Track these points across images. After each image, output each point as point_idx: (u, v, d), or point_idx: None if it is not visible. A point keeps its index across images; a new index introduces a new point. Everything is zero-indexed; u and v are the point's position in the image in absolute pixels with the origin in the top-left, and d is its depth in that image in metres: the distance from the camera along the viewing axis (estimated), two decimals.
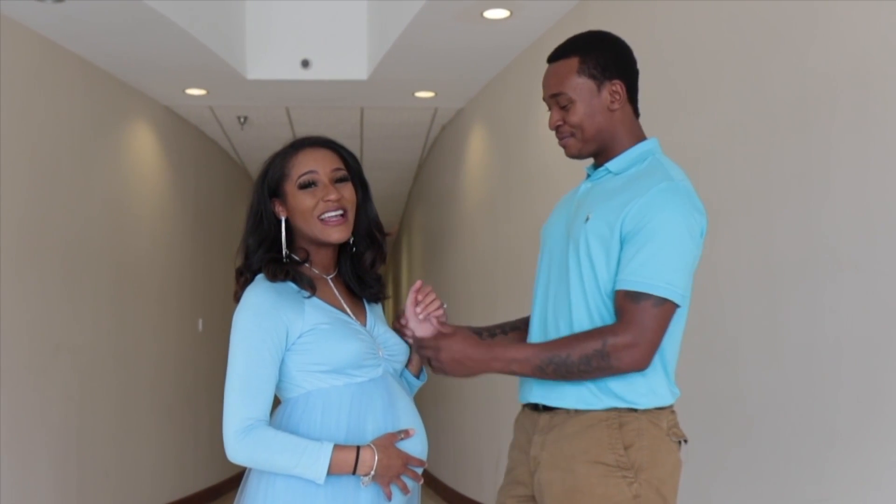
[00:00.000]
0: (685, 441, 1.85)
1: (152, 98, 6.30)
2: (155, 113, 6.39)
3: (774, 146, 3.06)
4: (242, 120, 6.86)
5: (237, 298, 1.83)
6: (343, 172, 1.85)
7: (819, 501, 2.82)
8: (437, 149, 7.79)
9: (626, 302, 1.72)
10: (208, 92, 6.11)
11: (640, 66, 3.75)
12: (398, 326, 1.91)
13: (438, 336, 1.77)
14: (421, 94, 6.19)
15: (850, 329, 2.70)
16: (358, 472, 1.69)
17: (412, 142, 7.74)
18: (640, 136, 1.92)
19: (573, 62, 1.86)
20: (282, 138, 1.96)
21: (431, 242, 8.51)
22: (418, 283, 1.91)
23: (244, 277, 1.83)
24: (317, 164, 1.84)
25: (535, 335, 1.89)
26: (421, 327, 1.88)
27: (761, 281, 3.11)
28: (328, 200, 1.81)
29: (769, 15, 3.07)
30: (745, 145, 3.22)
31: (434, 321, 1.83)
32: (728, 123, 3.33)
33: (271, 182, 1.85)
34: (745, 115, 3.22)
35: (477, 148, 6.37)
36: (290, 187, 1.83)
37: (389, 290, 2.00)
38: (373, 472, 1.69)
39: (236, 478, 1.91)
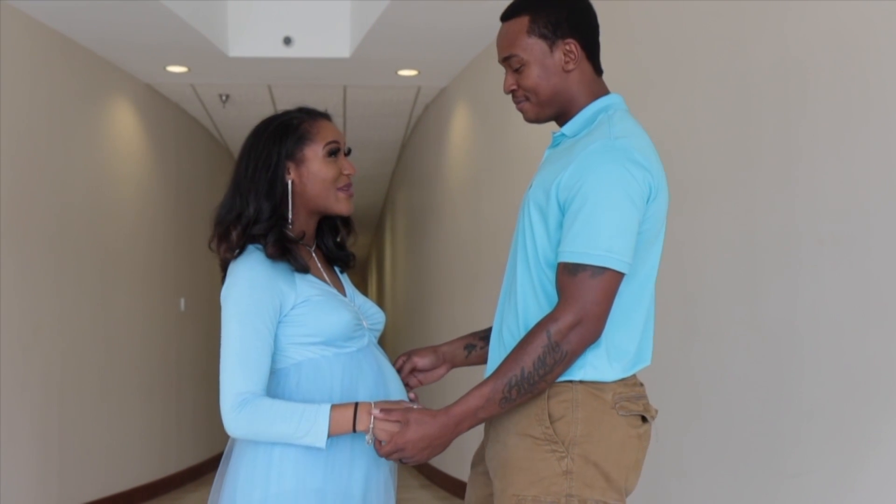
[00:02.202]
0: (647, 417, 1.71)
1: (133, 75, 6.26)
2: (136, 90, 6.35)
3: (753, 123, 3.08)
4: (224, 98, 6.83)
5: (222, 257, 1.80)
6: (349, 148, 1.89)
7: (797, 475, 2.86)
8: (420, 128, 7.78)
9: (564, 276, 1.61)
10: (190, 69, 6.07)
11: (619, 44, 3.76)
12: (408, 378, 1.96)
13: (394, 439, 1.64)
14: (404, 73, 6.18)
15: (829, 304, 2.73)
16: (358, 427, 1.66)
17: (395, 121, 7.73)
18: (598, 94, 1.78)
19: (523, 21, 1.75)
20: (264, 117, 1.92)
21: (414, 223, 8.51)
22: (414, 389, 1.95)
23: (242, 243, 1.77)
24: (338, 136, 1.85)
25: (497, 311, 1.82)
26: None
27: (742, 257, 3.14)
28: (348, 174, 1.84)
29: None
30: (726, 123, 3.24)
31: (385, 429, 1.68)
32: (708, 101, 3.34)
33: (293, 142, 1.81)
34: (725, 92, 3.23)
35: (460, 127, 6.37)
36: (314, 152, 1.81)
37: (372, 271, 2.03)
38: (371, 425, 1.66)
39: (220, 458, 1.88)
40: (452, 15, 4.95)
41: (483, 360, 1.95)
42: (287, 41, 5.51)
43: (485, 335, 1.99)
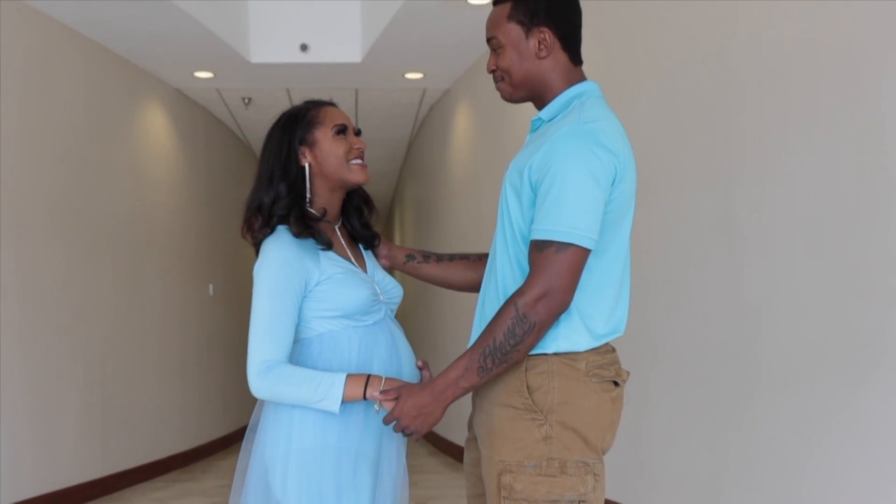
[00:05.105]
0: (619, 382, 1.68)
1: (163, 81, 6.26)
2: (166, 95, 6.35)
3: (734, 118, 3.08)
4: (247, 101, 6.83)
5: (254, 239, 1.81)
6: (359, 129, 1.91)
7: (773, 439, 2.87)
8: (426, 127, 7.78)
9: (533, 252, 1.59)
10: (215, 75, 6.07)
11: (629, 42, 3.73)
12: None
13: (392, 410, 1.66)
14: (411, 76, 6.17)
15: (803, 283, 2.73)
16: (368, 391, 1.68)
17: (403, 121, 7.72)
18: (573, 81, 1.73)
19: (506, 7, 1.73)
20: None
21: (421, 214, 8.51)
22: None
23: (270, 221, 1.80)
24: (344, 119, 1.89)
25: (482, 283, 1.81)
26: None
27: (723, 240, 3.15)
28: (358, 147, 1.86)
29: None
30: (709, 118, 3.24)
31: (381, 402, 1.70)
32: (693, 99, 3.34)
33: (303, 129, 1.85)
34: (708, 91, 3.23)
35: (462, 125, 6.36)
36: (323, 134, 1.84)
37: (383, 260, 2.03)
38: (382, 387, 1.68)
39: (246, 428, 1.90)
40: (454, 22, 4.95)
41: (416, 274, 2.00)
42: (304, 48, 5.51)
43: (428, 255, 2.01)
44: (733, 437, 3.08)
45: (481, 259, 1.97)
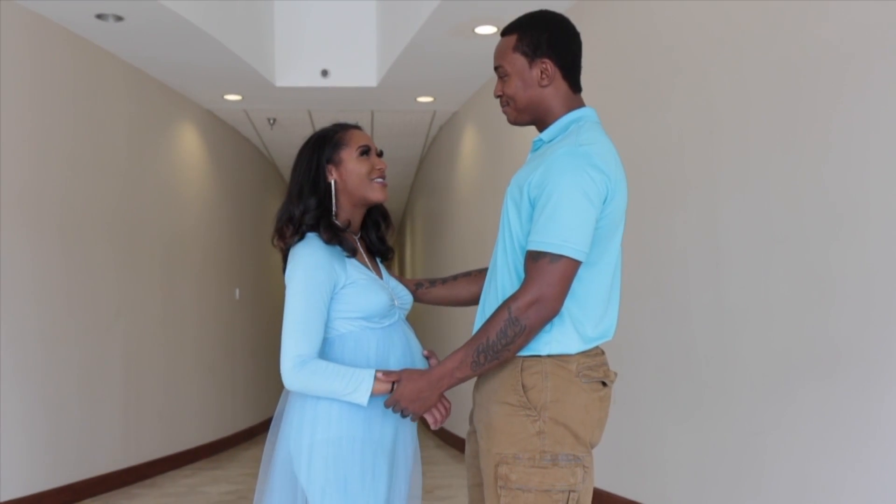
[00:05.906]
0: (607, 382, 1.67)
1: (196, 102, 6.30)
2: (198, 115, 6.40)
3: (715, 137, 3.09)
4: (271, 121, 6.86)
5: (285, 245, 1.82)
6: (381, 150, 1.93)
7: (754, 434, 2.87)
8: (435, 146, 7.80)
9: (528, 262, 1.59)
10: (243, 97, 6.11)
11: (628, 62, 3.74)
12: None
13: (393, 394, 1.68)
14: (422, 99, 6.19)
15: (779, 290, 2.74)
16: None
17: (414, 140, 7.74)
18: (572, 107, 1.74)
19: (512, 39, 1.73)
20: (305, 136, 1.95)
21: (430, 225, 8.52)
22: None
23: (301, 230, 1.81)
24: (368, 141, 1.90)
25: (483, 287, 1.82)
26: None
27: (706, 251, 3.16)
28: (380, 168, 1.88)
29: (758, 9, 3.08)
30: (692, 136, 3.25)
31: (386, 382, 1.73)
32: (675, 119, 3.35)
33: (330, 149, 1.86)
34: (689, 110, 3.25)
35: (469, 144, 6.38)
36: (348, 154, 1.86)
37: (395, 268, 2.02)
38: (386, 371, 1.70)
39: (269, 421, 1.89)
40: (462, 51, 4.97)
41: (426, 299, 2.03)
42: (324, 73, 5.54)
43: (434, 281, 2.04)
44: (715, 432, 3.08)
45: (481, 272, 1.98)
